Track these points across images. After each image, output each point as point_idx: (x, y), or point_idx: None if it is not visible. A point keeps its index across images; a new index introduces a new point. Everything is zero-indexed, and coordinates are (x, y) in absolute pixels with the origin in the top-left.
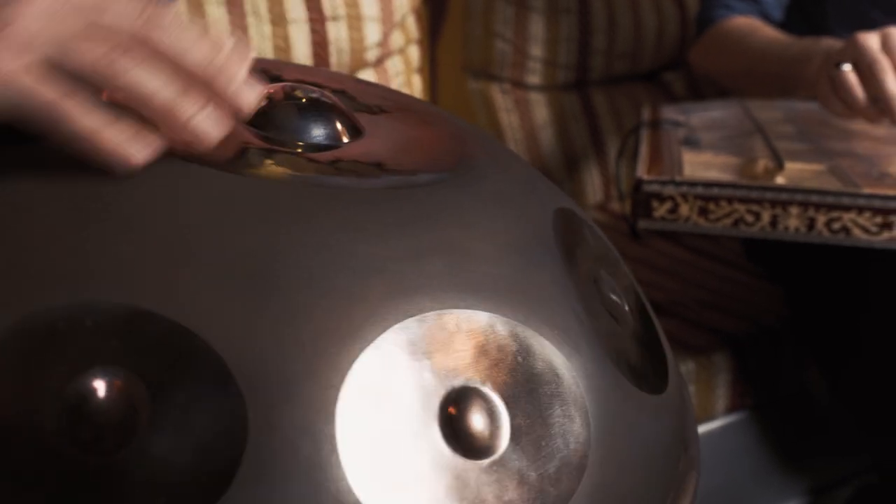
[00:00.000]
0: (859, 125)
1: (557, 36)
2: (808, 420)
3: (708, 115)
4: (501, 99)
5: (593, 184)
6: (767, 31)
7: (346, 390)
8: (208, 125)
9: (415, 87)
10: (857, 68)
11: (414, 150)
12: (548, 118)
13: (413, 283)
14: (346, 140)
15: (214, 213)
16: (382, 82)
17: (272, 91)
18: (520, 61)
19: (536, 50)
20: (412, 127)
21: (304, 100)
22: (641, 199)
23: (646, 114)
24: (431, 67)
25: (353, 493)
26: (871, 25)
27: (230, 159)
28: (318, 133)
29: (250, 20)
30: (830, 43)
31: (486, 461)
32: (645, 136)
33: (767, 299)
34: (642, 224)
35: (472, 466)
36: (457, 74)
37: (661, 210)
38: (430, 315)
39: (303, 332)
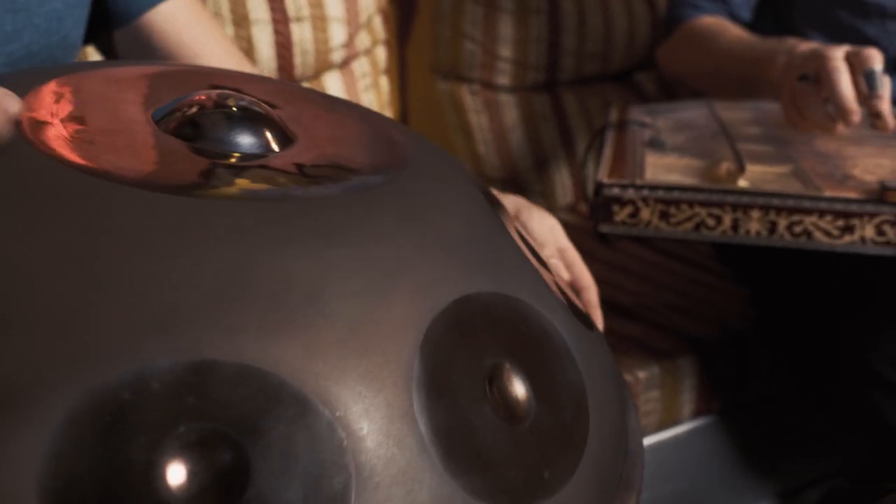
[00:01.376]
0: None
1: (527, 37)
2: (776, 424)
3: (675, 117)
4: (471, 100)
5: (563, 185)
6: (734, 32)
7: (415, 393)
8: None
9: (382, 88)
10: (818, 77)
11: (354, 148)
12: (517, 119)
13: (428, 276)
14: (277, 148)
15: (217, 243)
16: (349, 84)
17: (203, 99)
18: (489, 62)
19: (506, 51)
20: (332, 121)
21: (234, 108)
22: (602, 203)
23: (613, 115)
24: (400, 68)
25: (451, 482)
26: (838, 25)
27: (193, 182)
28: (251, 142)
29: None
30: (793, 43)
31: (527, 424)
32: (610, 137)
33: (736, 302)
34: (603, 228)
35: (520, 432)
36: (426, 76)
37: (621, 214)
38: (450, 304)
39: (356, 345)
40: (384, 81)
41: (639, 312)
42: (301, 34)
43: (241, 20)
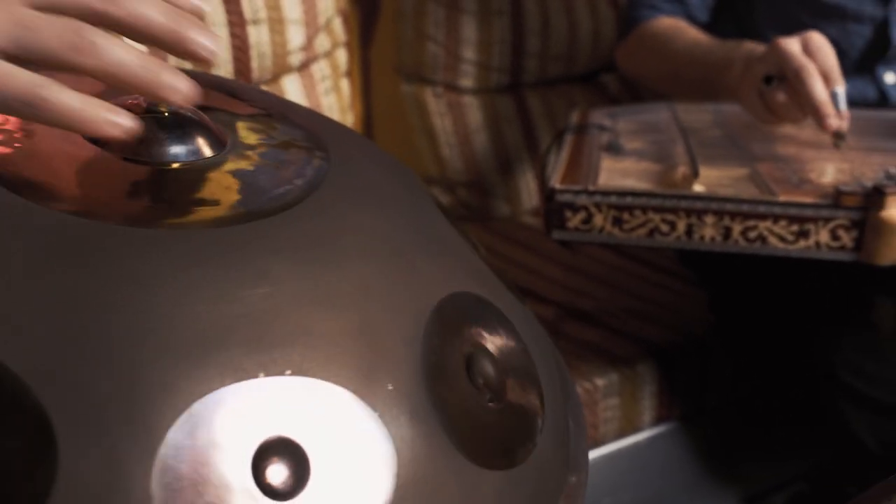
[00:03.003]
0: (787, 129)
1: (490, 38)
2: (738, 430)
3: (637, 120)
4: (434, 102)
5: (528, 188)
6: (691, 34)
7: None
8: (185, 83)
9: (343, 91)
10: (784, 76)
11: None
12: (482, 121)
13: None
14: (210, 153)
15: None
16: (308, 87)
17: (132, 104)
18: (452, 64)
19: (469, 52)
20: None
21: (166, 113)
22: (554, 209)
23: (574, 118)
24: (364, 71)
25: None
26: (799, 27)
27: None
28: (185, 149)
29: None
30: (751, 47)
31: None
32: (568, 141)
33: (697, 307)
34: (556, 235)
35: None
36: (390, 78)
37: (574, 220)
38: (432, 310)
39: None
40: (345, 84)
41: (598, 318)
42: (258, 37)
43: None
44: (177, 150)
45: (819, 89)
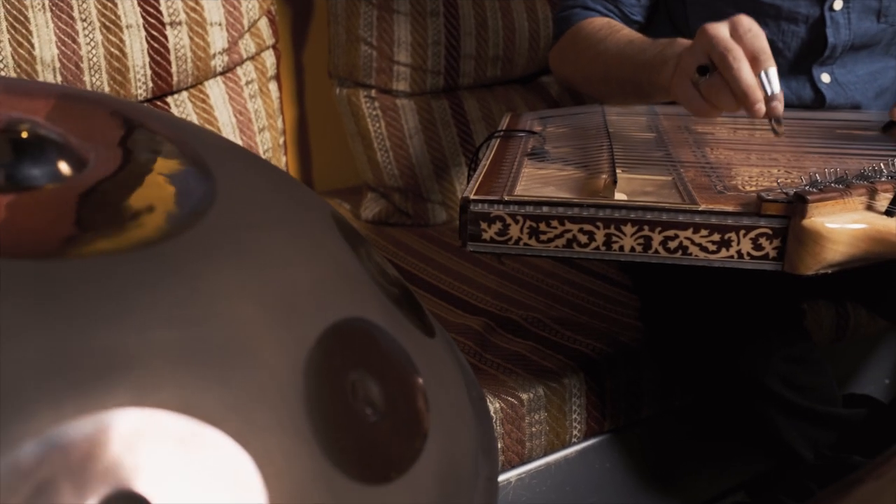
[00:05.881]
0: (723, 133)
1: (424, 40)
2: (673, 441)
3: (568, 123)
4: (368, 106)
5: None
6: (624, 34)
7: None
8: None
9: (271, 95)
10: (712, 60)
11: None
12: (417, 125)
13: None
14: (70, 173)
15: None
16: (234, 91)
17: None
18: (386, 67)
19: (403, 55)
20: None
21: (24, 134)
22: (469, 220)
23: (504, 122)
24: (298, 74)
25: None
26: None
27: None
28: (45, 169)
29: (79, 26)
30: (683, 43)
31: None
32: (493, 147)
33: (631, 315)
34: (471, 247)
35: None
36: (324, 81)
37: (490, 232)
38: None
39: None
40: (273, 88)
41: (528, 329)
42: (177, 40)
43: (111, 25)
44: (35, 172)
45: (745, 73)
